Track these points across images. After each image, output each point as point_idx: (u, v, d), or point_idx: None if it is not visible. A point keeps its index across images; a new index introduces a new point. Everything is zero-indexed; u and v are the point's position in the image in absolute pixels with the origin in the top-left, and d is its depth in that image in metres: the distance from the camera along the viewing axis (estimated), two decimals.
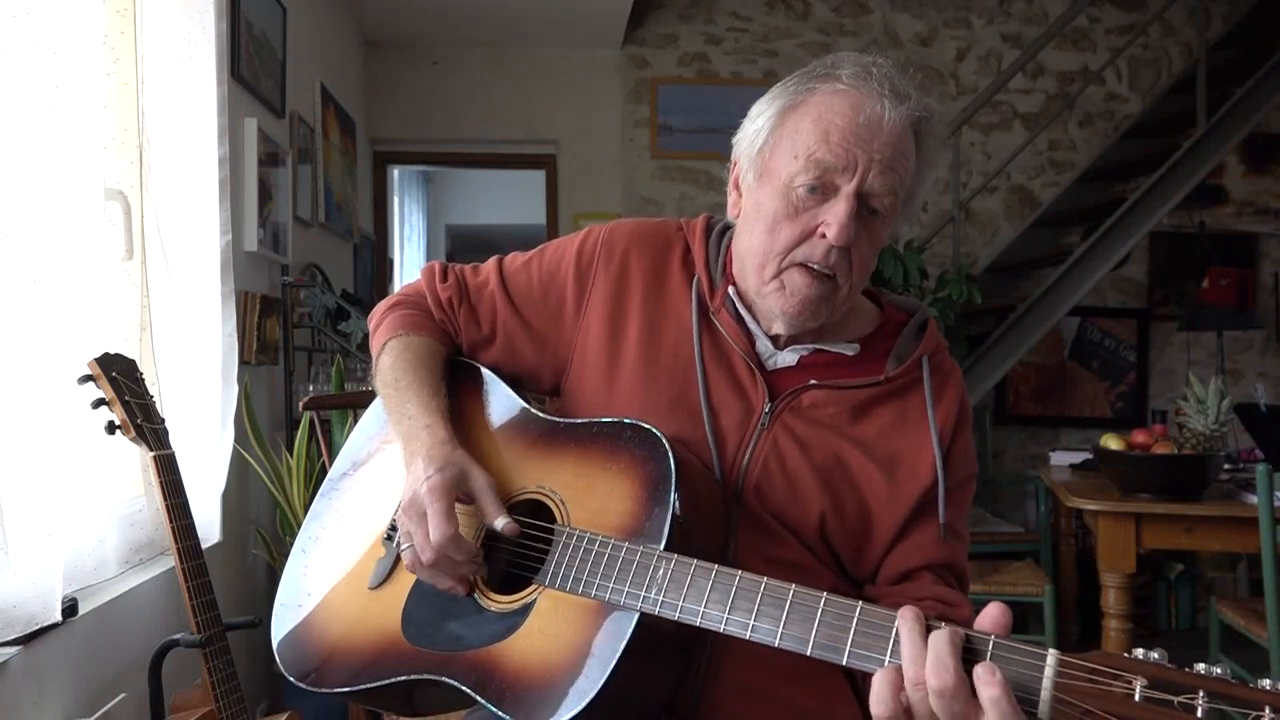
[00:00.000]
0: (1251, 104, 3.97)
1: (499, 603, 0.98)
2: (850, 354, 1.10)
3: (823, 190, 0.99)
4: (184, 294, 2.09)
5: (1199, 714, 0.66)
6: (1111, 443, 2.53)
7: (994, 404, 4.59)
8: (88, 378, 1.56)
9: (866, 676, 1.08)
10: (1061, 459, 3.38)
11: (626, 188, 4.82)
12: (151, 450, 1.59)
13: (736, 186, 1.11)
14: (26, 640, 1.43)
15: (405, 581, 1.06)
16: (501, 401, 1.15)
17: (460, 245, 7.70)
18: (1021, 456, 4.73)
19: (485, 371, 1.19)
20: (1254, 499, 2.30)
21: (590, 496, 0.99)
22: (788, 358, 1.10)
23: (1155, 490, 2.45)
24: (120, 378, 1.59)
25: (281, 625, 1.12)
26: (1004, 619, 0.76)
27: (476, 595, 1.00)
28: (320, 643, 1.08)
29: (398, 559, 1.07)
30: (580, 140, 4.84)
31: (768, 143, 1.04)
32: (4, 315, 1.41)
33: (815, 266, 1.01)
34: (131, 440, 1.59)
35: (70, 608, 1.54)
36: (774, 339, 1.10)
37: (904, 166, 1.00)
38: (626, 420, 1.01)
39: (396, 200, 5.72)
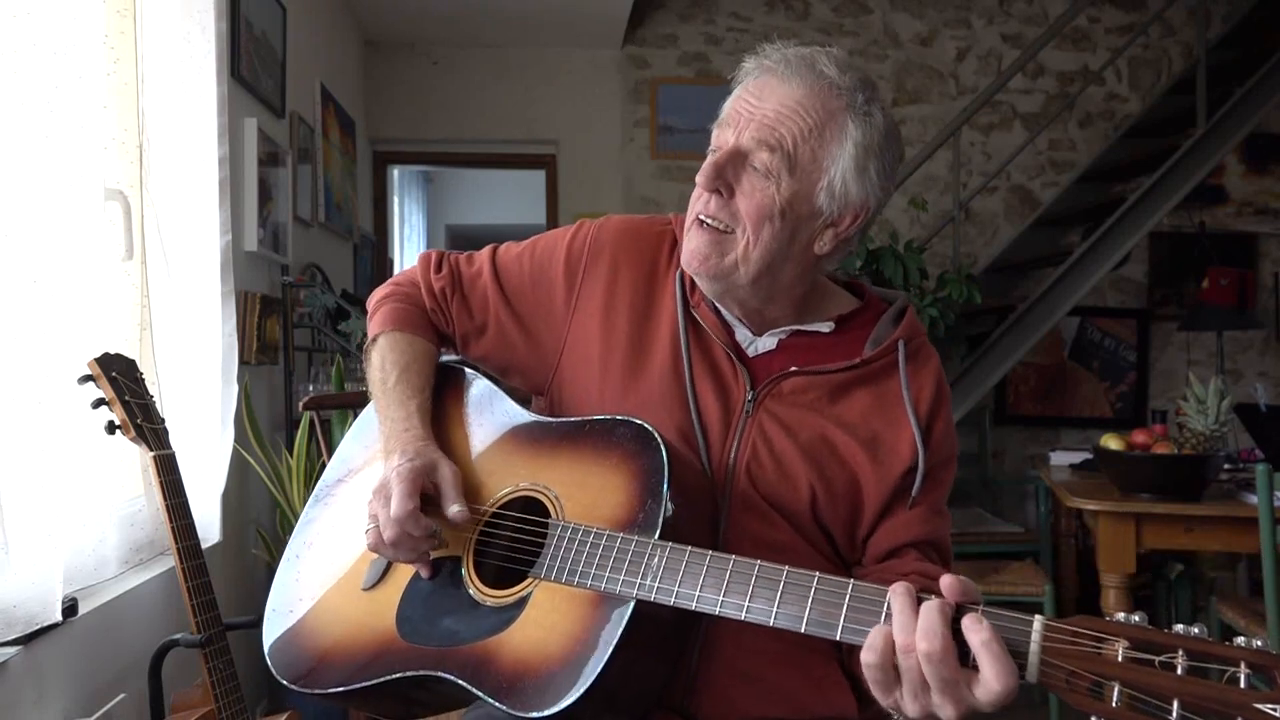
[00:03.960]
0: (1251, 104, 3.97)
1: (494, 597, 0.99)
2: (826, 330, 1.13)
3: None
4: (184, 294, 2.08)
5: (1179, 671, 0.68)
6: (1111, 443, 2.53)
7: (994, 404, 4.59)
8: (88, 378, 1.56)
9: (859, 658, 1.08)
10: (1061, 459, 3.37)
11: (626, 188, 4.82)
12: (151, 450, 1.59)
13: None
14: (26, 640, 1.43)
15: (399, 582, 1.07)
16: (491, 403, 1.17)
17: (460, 245, 7.61)
18: (1021, 456, 4.73)
19: (476, 374, 1.21)
20: (1254, 499, 2.30)
21: (584, 491, 1.01)
22: (767, 343, 1.13)
23: (1155, 490, 2.45)
24: (120, 378, 1.59)
25: (273, 630, 1.12)
26: (967, 584, 0.78)
27: (472, 591, 1.01)
28: (314, 645, 1.08)
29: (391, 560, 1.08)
30: (580, 140, 4.84)
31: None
32: (4, 315, 1.41)
33: (701, 217, 1.07)
34: (131, 440, 1.59)
35: (70, 608, 1.54)
36: (752, 327, 1.13)
37: (790, 125, 1.03)
38: (619, 416, 1.03)
39: (396, 200, 5.72)
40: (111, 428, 1.59)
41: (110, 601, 1.72)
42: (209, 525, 2.09)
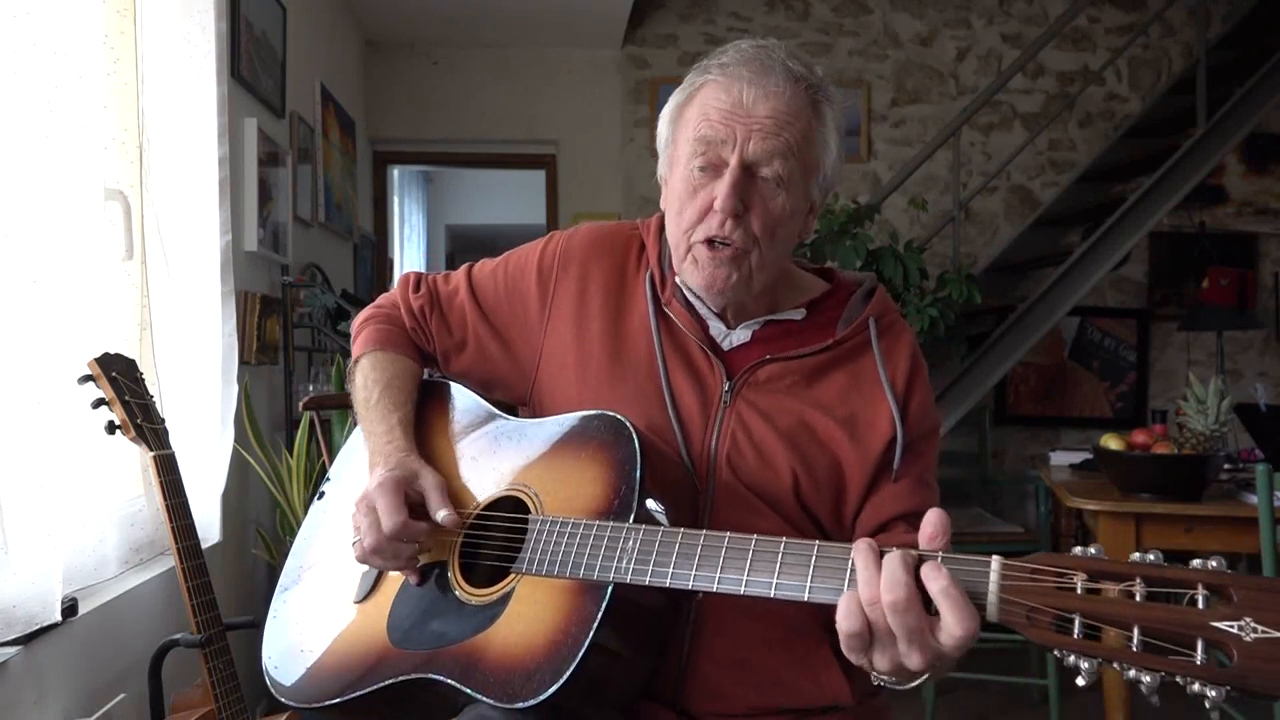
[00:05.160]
0: (1251, 104, 3.96)
1: (479, 596, 1.01)
2: (798, 318, 1.15)
3: (714, 169, 1.05)
4: (184, 294, 2.09)
5: (1138, 598, 0.69)
6: (1111, 443, 2.53)
7: (994, 404, 4.58)
8: (88, 378, 1.56)
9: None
10: (1061, 459, 3.36)
11: (626, 188, 4.82)
12: (151, 450, 1.59)
13: (664, 180, 1.17)
14: (26, 640, 1.43)
15: (389, 591, 1.09)
16: (473, 411, 1.20)
17: (460, 245, 7.69)
18: (1021, 456, 4.73)
19: (455, 386, 1.24)
20: (1254, 499, 2.30)
21: (562, 486, 1.03)
22: (742, 335, 1.14)
23: (1155, 490, 2.45)
24: (120, 378, 1.59)
25: (286, 671, 1.12)
26: (943, 520, 0.79)
27: (459, 592, 1.03)
28: (318, 667, 1.10)
29: (381, 571, 1.11)
30: (580, 140, 4.83)
31: (670, 136, 1.12)
32: (4, 315, 1.41)
33: (715, 239, 1.06)
34: (131, 440, 1.59)
35: (70, 608, 1.55)
36: (726, 319, 1.14)
37: (790, 130, 1.03)
38: (593, 411, 1.05)
39: (396, 200, 5.72)
40: (111, 428, 1.59)
41: (110, 601, 1.72)
42: (209, 525, 2.09)
